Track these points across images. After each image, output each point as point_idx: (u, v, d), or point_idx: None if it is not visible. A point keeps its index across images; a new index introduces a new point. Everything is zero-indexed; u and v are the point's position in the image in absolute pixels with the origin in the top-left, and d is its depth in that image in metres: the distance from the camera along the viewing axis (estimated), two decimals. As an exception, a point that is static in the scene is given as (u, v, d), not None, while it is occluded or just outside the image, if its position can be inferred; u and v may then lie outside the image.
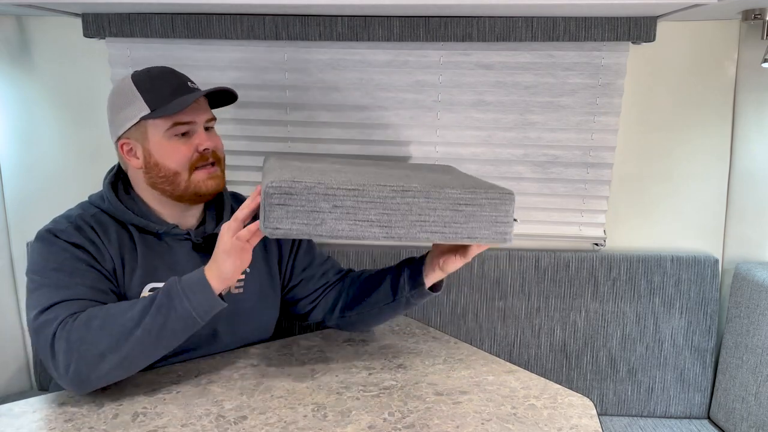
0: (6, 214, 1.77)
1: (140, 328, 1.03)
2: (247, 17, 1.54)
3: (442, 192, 1.00)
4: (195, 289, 1.05)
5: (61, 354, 1.01)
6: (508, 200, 1.02)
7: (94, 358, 1.01)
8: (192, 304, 1.04)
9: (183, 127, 1.17)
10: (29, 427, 0.99)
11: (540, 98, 1.60)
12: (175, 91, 1.17)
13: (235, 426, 0.98)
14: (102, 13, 1.56)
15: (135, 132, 1.19)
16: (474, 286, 1.69)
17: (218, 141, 1.24)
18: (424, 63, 1.60)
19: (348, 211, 0.98)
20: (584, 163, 1.64)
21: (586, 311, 1.68)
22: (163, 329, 1.04)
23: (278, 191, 0.96)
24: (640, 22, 1.48)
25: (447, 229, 1.01)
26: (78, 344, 1.01)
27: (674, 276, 1.66)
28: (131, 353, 1.03)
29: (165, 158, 1.18)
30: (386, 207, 0.99)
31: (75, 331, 1.02)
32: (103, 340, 1.01)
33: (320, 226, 0.98)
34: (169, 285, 1.06)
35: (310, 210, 0.97)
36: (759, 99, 1.58)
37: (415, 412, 1.02)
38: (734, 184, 1.66)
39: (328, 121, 1.67)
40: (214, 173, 1.21)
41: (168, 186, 1.19)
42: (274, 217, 0.96)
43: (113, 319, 1.03)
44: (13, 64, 1.71)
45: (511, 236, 1.03)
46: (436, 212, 1.00)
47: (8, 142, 1.75)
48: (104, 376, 1.04)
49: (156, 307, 1.04)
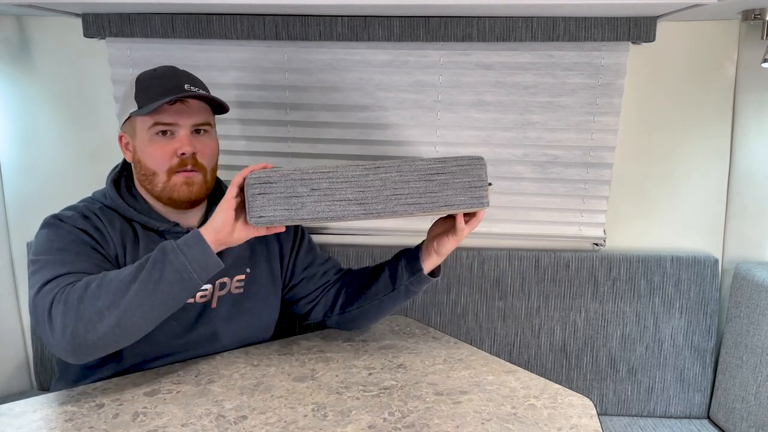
0: (6, 214, 1.77)
1: (137, 282, 1.02)
2: (247, 17, 1.54)
3: (413, 164, 1.04)
4: (190, 243, 1.05)
5: (58, 317, 1.01)
6: (478, 164, 1.05)
7: (92, 317, 1.00)
8: (187, 258, 1.04)
9: (162, 126, 1.17)
10: (29, 427, 0.99)
11: (540, 98, 1.60)
12: (165, 91, 1.16)
13: (235, 426, 0.98)
14: (102, 13, 1.56)
15: (128, 127, 1.22)
16: (474, 286, 1.70)
17: (206, 146, 1.21)
18: (424, 63, 1.60)
19: (325, 193, 1.04)
20: (584, 163, 1.64)
21: (586, 311, 1.68)
22: (159, 283, 1.03)
23: (258, 181, 1.03)
24: (640, 22, 1.49)
25: (423, 199, 1.05)
26: (76, 304, 1.01)
27: (674, 276, 1.66)
28: (128, 309, 1.01)
29: (145, 157, 1.19)
30: (361, 185, 1.04)
31: (73, 293, 1.02)
32: (101, 298, 1.01)
33: (301, 210, 1.04)
34: (164, 243, 1.07)
35: (289, 195, 1.04)
36: (759, 99, 1.58)
37: (415, 412, 1.02)
38: (734, 184, 1.66)
39: (328, 121, 1.67)
40: (191, 179, 1.19)
41: (148, 185, 1.21)
42: (257, 206, 1.04)
43: (110, 279, 1.04)
44: (13, 64, 1.71)
45: (487, 199, 1.06)
46: (409, 185, 1.04)
47: (8, 142, 1.75)
48: (102, 338, 1.01)
49: (152, 262, 1.04)
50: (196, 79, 1.24)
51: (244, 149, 1.70)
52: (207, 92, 1.23)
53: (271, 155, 1.70)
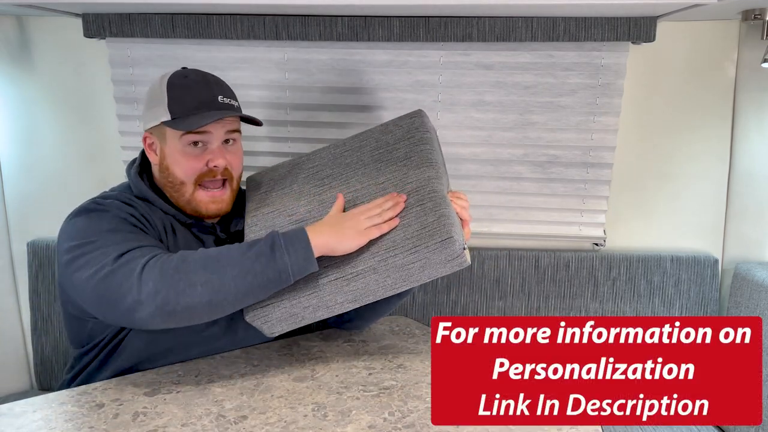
0: (6, 214, 1.77)
1: (237, 267, 1.04)
2: (247, 17, 1.54)
3: (387, 263, 1.09)
4: (297, 247, 1.07)
5: (150, 282, 1.01)
6: (449, 245, 1.07)
7: (186, 289, 1.01)
8: (291, 260, 1.06)
9: (196, 137, 1.18)
10: (29, 427, 0.99)
11: (540, 98, 1.60)
12: (200, 105, 1.17)
13: (235, 426, 0.98)
14: (102, 13, 1.56)
15: (157, 131, 1.22)
16: (474, 286, 1.69)
17: (236, 158, 1.24)
18: (424, 63, 1.60)
19: (319, 304, 1.12)
20: (584, 163, 1.64)
21: (585, 311, 1.68)
22: (258, 275, 1.05)
23: (258, 315, 1.13)
24: (640, 22, 1.48)
25: (410, 279, 1.10)
26: (173, 272, 1.02)
27: (674, 276, 1.66)
28: (222, 290, 1.03)
29: (175, 165, 1.20)
30: (346, 292, 1.11)
31: (170, 261, 1.03)
32: (199, 273, 1.02)
33: (303, 320, 1.14)
34: (272, 237, 1.07)
35: (289, 316, 1.13)
36: (759, 99, 1.58)
37: (415, 412, 1.02)
38: (734, 184, 1.66)
39: (328, 121, 1.67)
40: (219, 198, 1.22)
41: (174, 192, 1.22)
42: (266, 329, 1.14)
43: (210, 255, 1.05)
44: (13, 64, 1.71)
45: (467, 260, 1.10)
46: (390, 278, 1.10)
47: (8, 142, 1.75)
48: (191, 310, 1.03)
49: (255, 253, 1.05)
50: (226, 87, 1.25)
51: (244, 149, 1.69)
52: (235, 98, 1.25)
53: (271, 155, 1.70)
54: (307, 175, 1.30)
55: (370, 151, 1.28)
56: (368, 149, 1.29)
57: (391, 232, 1.11)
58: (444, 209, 1.11)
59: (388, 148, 1.27)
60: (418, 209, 1.12)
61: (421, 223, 1.10)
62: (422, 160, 1.21)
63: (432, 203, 1.12)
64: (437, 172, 1.19)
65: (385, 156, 1.25)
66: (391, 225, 1.12)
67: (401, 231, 1.11)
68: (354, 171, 1.26)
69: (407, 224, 1.11)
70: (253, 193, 1.32)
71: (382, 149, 1.27)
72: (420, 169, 1.19)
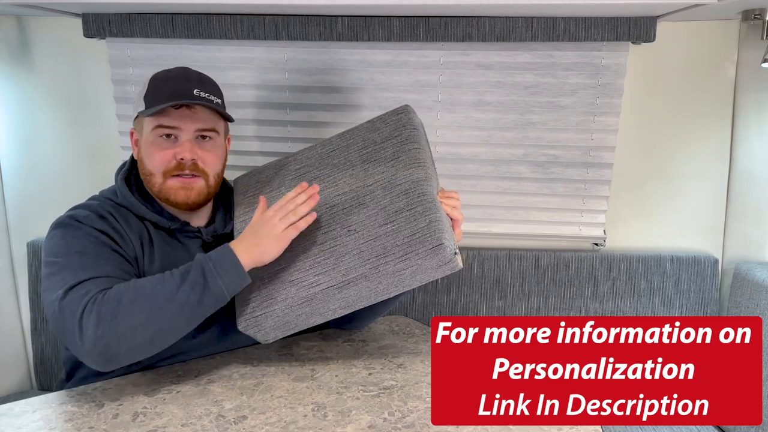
0: (6, 214, 1.77)
1: (174, 303, 1.04)
2: (247, 17, 1.54)
3: (378, 270, 1.09)
4: (227, 268, 1.08)
5: (90, 328, 1.01)
6: (440, 251, 1.06)
7: (126, 332, 1.01)
8: (224, 282, 1.07)
9: (165, 130, 1.18)
10: (29, 427, 0.99)
11: (540, 98, 1.60)
12: (173, 94, 1.17)
13: (235, 426, 0.98)
14: (102, 13, 1.56)
15: (137, 124, 1.23)
16: (474, 286, 1.69)
17: (209, 155, 1.21)
18: (424, 63, 1.60)
19: (312, 311, 1.13)
20: (584, 163, 1.64)
21: (585, 311, 1.68)
22: (197, 306, 1.06)
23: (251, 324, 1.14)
24: (640, 22, 1.48)
25: (402, 284, 1.10)
26: (110, 318, 1.01)
27: (674, 276, 1.66)
28: (164, 327, 1.04)
29: (146, 156, 1.20)
30: (339, 299, 1.11)
31: (105, 304, 1.02)
32: (136, 315, 1.02)
33: (296, 327, 1.15)
34: (201, 264, 1.08)
35: (282, 324, 1.14)
36: (759, 99, 1.58)
37: (415, 412, 1.02)
38: (734, 184, 1.66)
39: (328, 121, 1.67)
40: (188, 184, 1.20)
41: (147, 184, 1.22)
42: (260, 337, 1.15)
43: (145, 293, 1.04)
44: (13, 64, 1.71)
45: (459, 264, 1.10)
46: (382, 284, 1.10)
47: (8, 142, 1.75)
48: (134, 351, 1.04)
49: (190, 284, 1.05)
50: (210, 83, 1.23)
51: (244, 149, 1.70)
52: (220, 96, 1.24)
53: (271, 155, 1.69)
54: (294, 177, 1.29)
55: (358, 151, 1.27)
56: (355, 148, 1.28)
57: (382, 238, 1.10)
58: (434, 214, 1.10)
59: (376, 147, 1.25)
60: (408, 214, 1.11)
61: (412, 229, 1.09)
62: (411, 161, 1.19)
63: (422, 207, 1.11)
64: (426, 173, 1.18)
65: (372, 156, 1.24)
66: (308, 221, 1.12)
67: (391, 237, 1.10)
68: (342, 173, 1.25)
69: (397, 230, 1.10)
70: (241, 197, 1.31)
71: (370, 148, 1.26)
72: (409, 170, 1.18)
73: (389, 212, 1.13)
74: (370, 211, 1.15)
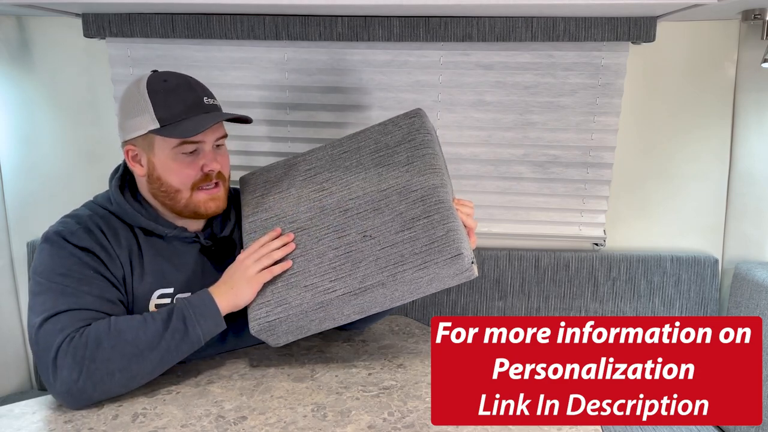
0: (6, 214, 1.77)
1: (155, 351, 1.06)
2: (247, 17, 1.54)
3: (396, 278, 1.08)
4: (206, 315, 1.10)
5: (65, 370, 1.01)
6: (458, 260, 1.07)
7: (103, 377, 1.02)
8: (203, 329, 1.10)
9: (191, 146, 1.15)
10: (29, 428, 0.99)
11: (540, 98, 1.60)
12: (189, 109, 1.14)
13: (235, 426, 0.98)
14: (102, 13, 1.56)
15: (142, 141, 1.16)
16: (474, 286, 1.69)
17: (225, 160, 1.22)
18: (424, 63, 1.60)
19: (326, 317, 1.13)
20: (584, 163, 1.64)
21: (585, 311, 1.68)
22: (173, 351, 1.08)
23: (264, 328, 1.13)
24: (640, 22, 1.48)
25: (418, 291, 1.11)
26: (87, 362, 1.01)
27: (674, 276, 1.66)
28: (140, 373, 1.06)
29: (168, 175, 1.16)
30: (354, 305, 1.11)
31: (83, 348, 1.01)
32: (115, 361, 1.03)
33: (309, 332, 1.15)
34: (181, 309, 1.09)
35: (295, 328, 1.14)
36: (759, 99, 1.58)
37: (415, 412, 1.02)
38: (734, 184, 1.66)
39: (328, 121, 1.67)
40: (216, 195, 1.20)
41: (168, 200, 1.19)
42: (272, 341, 1.15)
43: (126, 340, 1.04)
44: (13, 64, 1.71)
45: (475, 273, 1.10)
46: (398, 291, 1.10)
47: (8, 143, 1.75)
48: (107, 393, 1.04)
49: (171, 332, 1.07)
50: (204, 86, 1.22)
51: (244, 149, 1.70)
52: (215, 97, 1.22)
53: (270, 155, 1.70)
54: (304, 178, 1.27)
55: (370, 154, 1.26)
56: (367, 151, 1.26)
57: (399, 246, 1.10)
58: (452, 222, 1.09)
59: (389, 151, 1.24)
60: (425, 221, 1.10)
61: (430, 237, 1.09)
62: (425, 166, 1.18)
63: (439, 215, 1.10)
64: (442, 180, 1.17)
65: (386, 160, 1.23)
66: (284, 267, 1.14)
67: (409, 245, 1.09)
68: (355, 176, 1.23)
69: (415, 237, 1.09)
70: (248, 197, 1.30)
71: (382, 152, 1.24)
72: (424, 176, 1.17)
73: (406, 219, 1.12)
74: (385, 217, 1.14)
